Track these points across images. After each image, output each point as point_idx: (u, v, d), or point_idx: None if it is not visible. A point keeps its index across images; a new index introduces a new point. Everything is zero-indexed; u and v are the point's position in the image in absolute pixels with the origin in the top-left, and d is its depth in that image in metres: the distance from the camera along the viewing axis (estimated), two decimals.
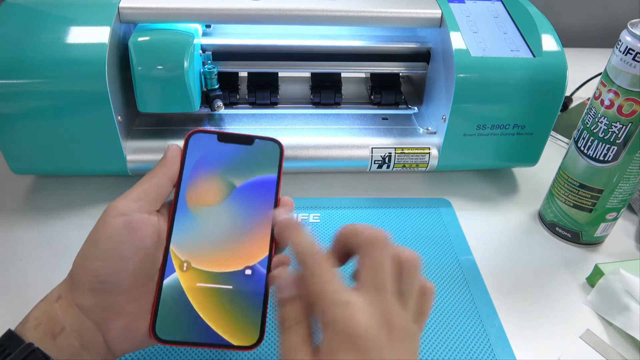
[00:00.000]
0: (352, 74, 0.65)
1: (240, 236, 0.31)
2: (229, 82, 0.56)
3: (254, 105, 0.57)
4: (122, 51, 0.47)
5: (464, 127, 0.49)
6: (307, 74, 0.60)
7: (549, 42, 0.48)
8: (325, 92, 0.58)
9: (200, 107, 0.51)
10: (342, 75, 0.59)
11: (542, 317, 0.41)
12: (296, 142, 0.51)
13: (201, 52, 0.51)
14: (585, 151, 0.43)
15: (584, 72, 0.70)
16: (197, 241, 0.31)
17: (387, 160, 0.51)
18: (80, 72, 0.43)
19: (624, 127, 0.39)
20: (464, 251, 0.46)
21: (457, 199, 0.52)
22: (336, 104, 0.58)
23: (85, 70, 0.43)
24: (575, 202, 0.45)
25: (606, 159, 0.41)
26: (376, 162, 0.51)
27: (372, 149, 0.51)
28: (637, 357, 0.38)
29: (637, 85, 0.37)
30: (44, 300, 0.29)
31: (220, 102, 0.53)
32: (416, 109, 0.58)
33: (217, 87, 0.53)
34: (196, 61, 0.49)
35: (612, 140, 0.40)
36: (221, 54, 0.53)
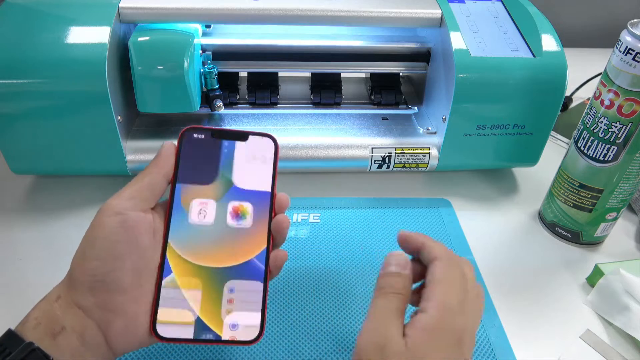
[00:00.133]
0: (352, 74, 0.65)
1: (237, 232, 0.31)
2: (229, 82, 0.56)
3: (254, 105, 0.57)
4: (122, 51, 0.47)
5: (464, 127, 0.49)
6: (307, 74, 0.60)
7: (549, 42, 0.48)
8: (325, 92, 0.58)
9: (200, 107, 0.51)
10: (342, 75, 0.59)
11: (542, 317, 0.41)
12: (296, 142, 0.51)
13: (201, 52, 0.51)
14: (585, 151, 0.43)
15: (584, 72, 0.70)
16: (194, 238, 0.31)
17: (387, 160, 0.51)
18: (80, 72, 0.43)
19: (624, 127, 0.39)
20: (464, 251, 0.46)
21: (457, 199, 0.52)
22: (336, 104, 0.58)
23: (85, 70, 0.43)
24: (575, 202, 0.45)
25: (606, 159, 0.41)
26: (376, 162, 0.51)
27: (372, 149, 0.51)
28: (637, 357, 0.38)
29: (637, 85, 0.37)
30: (43, 300, 0.29)
31: (220, 102, 0.53)
32: (416, 109, 0.58)
33: (217, 87, 0.53)
34: (196, 61, 0.49)
35: (612, 140, 0.40)
36: (221, 54, 0.53)
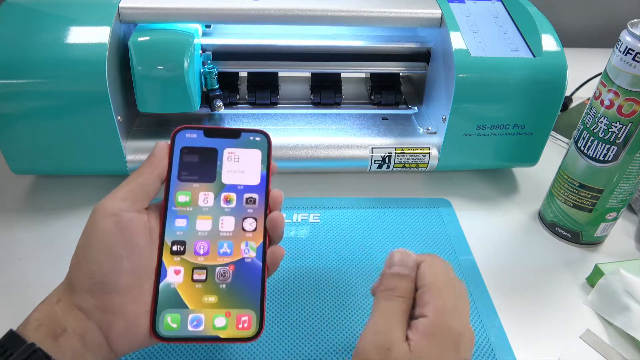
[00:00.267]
0: (352, 74, 0.65)
1: (233, 229, 0.31)
2: (229, 82, 0.56)
3: (254, 105, 0.57)
4: (122, 51, 0.47)
5: (464, 127, 0.49)
6: (307, 74, 0.60)
7: (549, 42, 0.48)
8: (325, 92, 0.58)
9: (200, 107, 0.51)
10: (342, 75, 0.59)
11: (542, 317, 0.41)
12: (296, 142, 0.51)
13: (201, 52, 0.51)
14: (585, 151, 0.43)
15: (584, 72, 0.70)
16: (190, 236, 0.31)
17: (387, 160, 0.51)
18: (80, 72, 0.43)
19: (624, 127, 0.39)
20: (464, 251, 0.46)
21: (457, 199, 0.52)
22: (336, 104, 0.58)
23: (85, 70, 0.43)
24: (575, 202, 0.45)
25: (606, 159, 0.41)
26: (376, 162, 0.51)
27: (372, 149, 0.51)
28: (637, 357, 0.38)
29: (637, 85, 0.37)
30: (44, 302, 0.29)
31: (220, 102, 0.53)
32: (416, 109, 0.58)
33: (217, 87, 0.53)
34: (196, 61, 0.49)
35: (612, 140, 0.40)
36: (221, 54, 0.53)
